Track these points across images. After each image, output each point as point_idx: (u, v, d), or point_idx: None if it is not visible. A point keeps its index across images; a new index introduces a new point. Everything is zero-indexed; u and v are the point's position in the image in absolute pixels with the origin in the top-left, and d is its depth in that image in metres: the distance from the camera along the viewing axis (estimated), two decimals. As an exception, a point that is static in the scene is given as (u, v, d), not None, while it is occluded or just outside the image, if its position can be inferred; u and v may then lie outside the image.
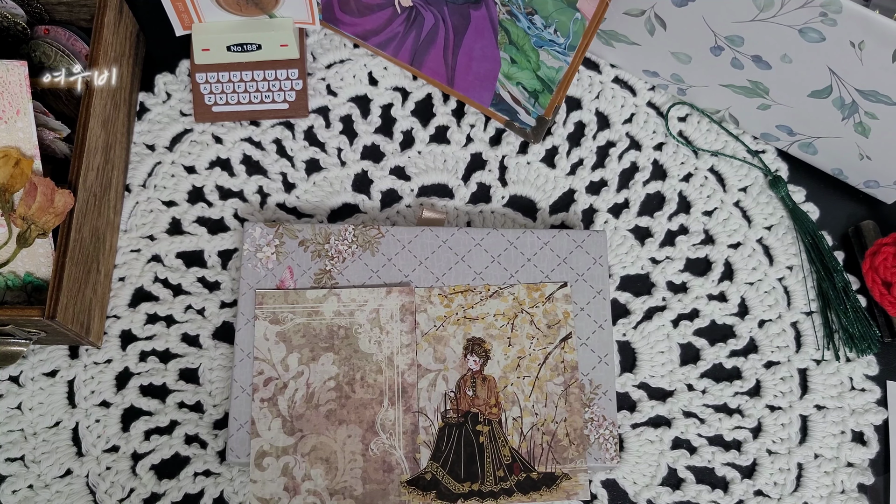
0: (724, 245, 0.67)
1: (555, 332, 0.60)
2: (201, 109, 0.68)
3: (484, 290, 0.60)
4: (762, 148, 0.69)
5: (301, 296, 0.60)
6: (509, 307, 0.60)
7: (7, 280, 0.58)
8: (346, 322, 0.59)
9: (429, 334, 0.59)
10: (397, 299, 0.60)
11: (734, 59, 0.61)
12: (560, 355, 0.59)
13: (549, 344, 0.59)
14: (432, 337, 0.59)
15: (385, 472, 0.57)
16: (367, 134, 0.69)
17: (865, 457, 0.62)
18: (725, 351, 0.64)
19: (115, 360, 0.63)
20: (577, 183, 0.68)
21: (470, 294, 0.60)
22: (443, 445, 0.58)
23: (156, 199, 0.67)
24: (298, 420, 0.58)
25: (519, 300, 0.60)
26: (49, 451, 0.61)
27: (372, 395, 0.58)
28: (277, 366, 0.59)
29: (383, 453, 0.57)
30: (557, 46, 0.59)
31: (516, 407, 0.58)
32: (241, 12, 0.65)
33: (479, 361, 0.59)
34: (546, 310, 0.60)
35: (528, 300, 0.60)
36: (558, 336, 0.60)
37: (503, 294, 0.60)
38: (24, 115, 0.57)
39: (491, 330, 0.60)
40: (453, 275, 0.61)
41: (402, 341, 0.59)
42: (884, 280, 0.62)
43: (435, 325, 0.59)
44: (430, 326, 0.59)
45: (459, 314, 0.60)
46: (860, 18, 0.52)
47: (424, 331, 0.59)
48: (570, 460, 0.57)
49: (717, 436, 0.63)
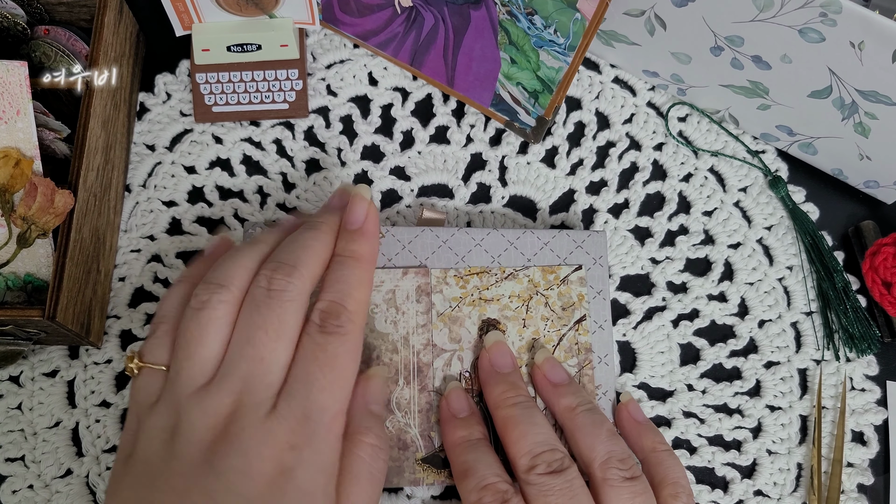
0: (724, 245, 0.67)
1: (569, 315, 0.60)
2: (201, 109, 0.68)
3: (499, 272, 0.60)
4: (762, 148, 0.69)
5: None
6: (524, 289, 0.60)
7: (7, 280, 0.58)
8: None
9: (444, 315, 0.59)
10: (413, 280, 0.60)
11: (734, 59, 0.61)
12: (574, 337, 0.59)
13: (564, 326, 0.60)
14: (447, 317, 0.59)
15: (400, 449, 0.57)
16: (367, 134, 0.69)
17: (865, 457, 0.62)
18: (725, 351, 0.64)
19: (115, 360, 0.63)
20: (577, 183, 0.68)
21: (485, 276, 0.60)
22: None
23: (156, 199, 0.67)
24: None
25: (534, 282, 0.60)
26: (49, 451, 0.61)
27: (388, 374, 0.58)
28: None
29: (398, 431, 0.57)
30: (557, 47, 0.59)
31: (530, 387, 0.58)
32: (241, 12, 0.65)
33: None
34: (561, 292, 0.60)
35: (543, 282, 0.60)
36: (572, 318, 0.60)
37: (518, 276, 0.60)
38: (24, 116, 0.57)
39: (506, 311, 0.60)
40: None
41: (418, 321, 0.59)
42: (884, 280, 0.62)
43: (450, 306, 0.60)
44: (445, 307, 0.59)
45: (475, 295, 0.60)
46: (860, 19, 0.52)
47: (440, 311, 0.59)
48: None
49: (717, 436, 0.63)
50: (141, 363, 0.47)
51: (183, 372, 0.45)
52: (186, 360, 0.45)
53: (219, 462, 0.41)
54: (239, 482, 0.41)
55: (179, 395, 0.44)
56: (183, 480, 0.41)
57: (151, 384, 0.46)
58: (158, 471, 0.42)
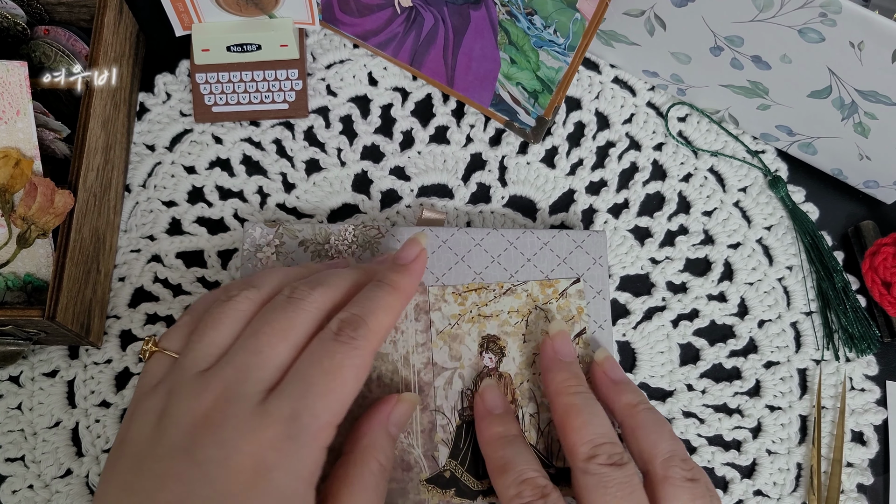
0: (724, 245, 0.67)
1: (569, 328, 0.60)
2: (201, 109, 0.68)
3: (497, 288, 0.60)
4: (762, 148, 0.69)
5: None
6: (523, 304, 0.60)
7: (7, 280, 0.58)
8: None
9: (444, 332, 0.59)
10: (412, 299, 0.59)
11: (734, 59, 0.61)
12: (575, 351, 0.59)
13: None
14: (447, 335, 0.59)
15: (404, 470, 0.57)
16: (367, 134, 0.69)
17: (865, 457, 0.62)
18: (725, 351, 0.64)
19: (115, 360, 0.63)
20: (577, 183, 0.68)
21: (483, 292, 0.60)
22: (461, 443, 0.57)
23: (156, 199, 0.67)
24: None
25: (533, 297, 0.60)
26: (49, 451, 0.61)
27: (389, 393, 0.58)
28: None
29: (402, 452, 0.57)
30: (557, 47, 0.59)
31: (532, 403, 0.58)
32: (241, 12, 0.65)
33: (494, 359, 0.59)
34: (560, 306, 0.60)
35: (542, 296, 0.60)
36: (573, 332, 0.59)
37: (517, 291, 0.60)
38: (24, 116, 0.57)
39: (505, 327, 0.59)
40: (453, 275, 0.61)
41: (418, 340, 0.59)
42: (883, 280, 0.62)
43: (450, 324, 0.59)
44: (444, 325, 0.59)
45: (473, 312, 0.60)
46: (860, 19, 0.52)
47: (439, 329, 0.59)
48: None
49: (717, 436, 0.63)
50: (155, 348, 0.47)
51: (189, 355, 0.45)
52: (195, 344, 0.45)
53: (198, 451, 0.40)
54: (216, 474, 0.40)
55: (178, 378, 0.44)
56: (164, 465, 0.40)
57: (158, 368, 0.46)
58: (145, 454, 0.41)
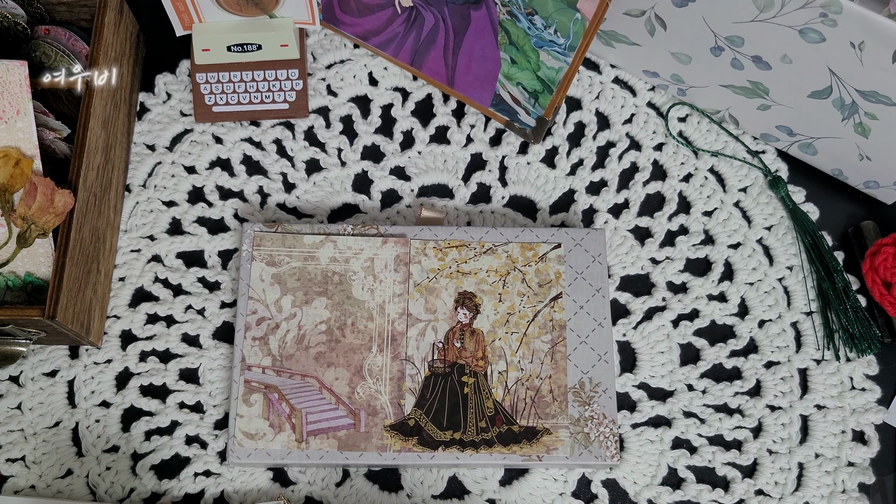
0: (724, 245, 0.67)
1: (545, 292, 0.60)
2: (201, 109, 0.68)
3: (478, 247, 0.61)
4: (762, 148, 0.69)
5: (298, 240, 0.61)
6: (502, 264, 0.61)
7: (7, 280, 0.58)
8: (340, 269, 0.61)
9: (421, 285, 0.60)
10: (392, 249, 0.61)
11: (734, 59, 0.61)
12: (549, 314, 0.60)
13: (539, 303, 0.60)
14: (424, 288, 0.60)
15: (369, 415, 0.58)
16: (368, 134, 0.69)
17: (866, 456, 0.62)
18: (725, 351, 0.64)
19: (115, 360, 0.63)
20: (577, 183, 0.68)
21: (464, 249, 0.61)
22: (428, 394, 0.58)
23: (156, 199, 0.67)
24: (288, 360, 0.59)
25: (512, 258, 0.61)
26: (49, 452, 0.61)
27: (361, 340, 0.59)
28: (271, 306, 0.60)
29: (369, 397, 0.58)
30: (557, 47, 0.59)
31: (503, 361, 0.59)
32: (242, 12, 0.65)
33: (468, 315, 0.60)
34: (538, 269, 0.61)
35: (522, 258, 0.61)
36: (549, 295, 0.60)
37: (497, 251, 0.61)
38: (24, 115, 0.57)
39: (483, 285, 0.60)
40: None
41: (395, 290, 0.60)
42: (884, 280, 0.62)
43: (428, 277, 0.60)
44: (423, 278, 0.60)
45: (453, 268, 0.61)
46: (860, 19, 0.52)
47: (417, 281, 0.60)
48: (551, 416, 0.58)
49: (718, 436, 0.63)
50: None
51: None
52: None
53: None
54: None
55: None
56: None
57: None
58: None
